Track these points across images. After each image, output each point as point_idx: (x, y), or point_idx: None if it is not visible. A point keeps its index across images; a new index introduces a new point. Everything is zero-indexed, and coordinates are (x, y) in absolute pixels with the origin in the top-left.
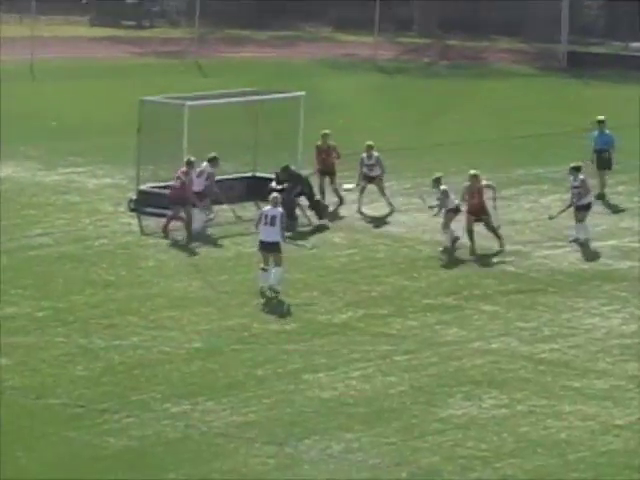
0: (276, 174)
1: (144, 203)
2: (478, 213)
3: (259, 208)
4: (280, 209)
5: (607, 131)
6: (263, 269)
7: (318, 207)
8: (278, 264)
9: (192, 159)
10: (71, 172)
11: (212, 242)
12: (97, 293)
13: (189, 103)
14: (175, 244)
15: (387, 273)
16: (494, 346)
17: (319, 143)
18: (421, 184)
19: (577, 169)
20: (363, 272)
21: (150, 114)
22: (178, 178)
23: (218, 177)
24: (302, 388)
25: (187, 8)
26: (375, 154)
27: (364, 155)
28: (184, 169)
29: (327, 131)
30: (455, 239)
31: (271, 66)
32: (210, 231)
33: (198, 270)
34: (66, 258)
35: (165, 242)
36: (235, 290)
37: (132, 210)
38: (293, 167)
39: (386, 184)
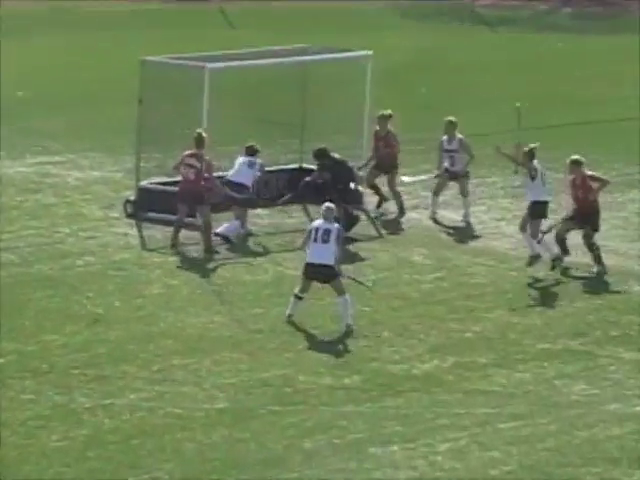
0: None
1: (146, 206)
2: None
3: (307, 213)
4: (337, 224)
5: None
6: (297, 296)
7: (346, 216)
8: (341, 292)
9: (204, 134)
10: (44, 162)
11: (240, 261)
12: (80, 332)
13: (210, 65)
14: (189, 263)
15: (487, 306)
16: (638, 409)
17: (377, 128)
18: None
19: None
20: (453, 304)
21: (155, 80)
22: (189, 166)
23: None
24: (368, 467)
25: None
26: (459, 136)
27: (444, 138)
28: (193, 151)
29: (388, 111)
30: (556, 257)
31: (324, 14)
32: (238, 245)
33: (221, 300)
34: (38, 282)
35: (175, 260)
36: (273, 329)
37: (130, 215)
38: (336, 155)
39: (488, 179)
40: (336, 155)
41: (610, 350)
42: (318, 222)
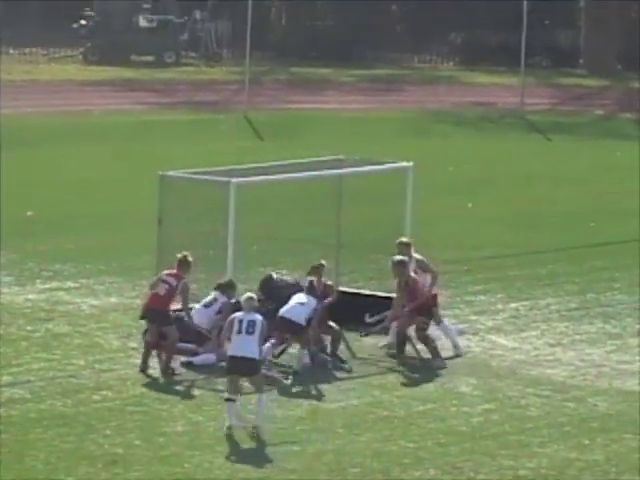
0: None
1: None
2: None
3: (346, 341)
4: (260, 316)
5: None
6: (229, 399)
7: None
8: (259, 390)
9: (189, 258)
10: (57, 288)
11: (270, 394)
12: (97, 474)
13: (235, 180)
14: (216, 397)
15: (542, 440)
16: None
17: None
18: (591, 302)
19: None
20: (505, 438)
21: (176, 196)
22: (164, 282)
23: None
24: None
25: (232, 34)
26: (416, 256)
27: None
28: (174, 271)
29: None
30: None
31: (360, 123)
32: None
33: (252, 437)
34: (50, 420)
35: (200, 394)
36: (309, 468)
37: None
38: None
39: (541, 301)
40: (288, 278)
41: None
42: (240, 313)
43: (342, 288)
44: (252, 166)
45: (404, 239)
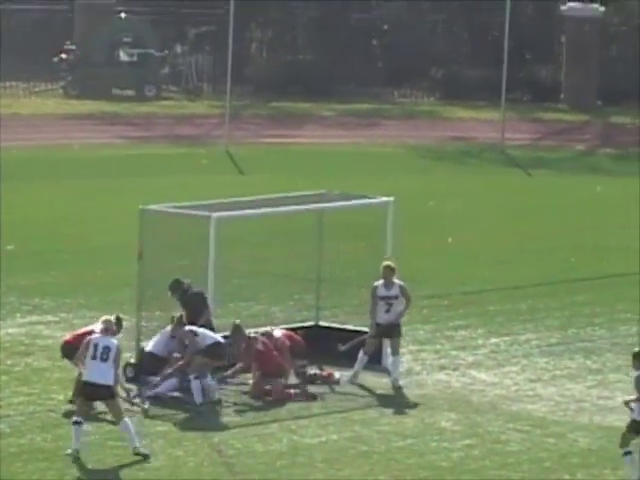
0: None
1: (148, 369)
2: None
3: (324, 374)
4: (115, 341)
5: None
6: (77, 422)
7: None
8: (118, 416)
9: (122, 320)
10: (36, 322)
11: (250, 429)
12: None
13: (216, 215)
14: (195, 432)
15: (524, 475)
16: None
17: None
18: (572, 337)
19: None
20: (486, 474)
21: (157, 230)
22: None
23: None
24: None
25: (213, 68)
26: (398, 282)
27: (378, 283)
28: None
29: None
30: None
31: (342, 157)
32: (248, 412)
33: (232, 472)
34: (29, 454)
35: (180, 429)
36: None
37: (130, 380)
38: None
39: (521, 337)
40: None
41: None
42: (97, 336)
43: (322, 323)
44: (233, 200)
45: (390, 263)
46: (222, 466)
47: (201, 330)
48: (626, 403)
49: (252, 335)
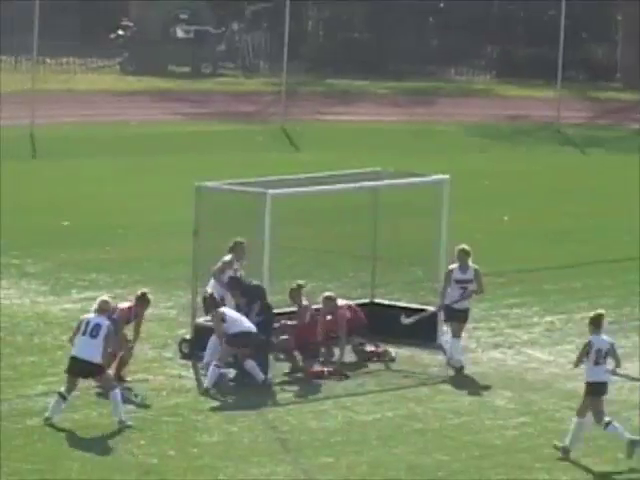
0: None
1: (203, 345)
2: None
3: (379, 350)
4: (107, 321)
5: None
6: (61, 395)
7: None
8: (110, 388)
9: (149, 295)
10: (92, 298)
11: (309, 406)
12: None
13: (272, 191)
14: (251, 408)
15: (577, 454)
16: None
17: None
18: (626, 316)
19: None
20: (540, 452)
21: (212, 208)
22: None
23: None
24: None
25: (269, 46)
26: (473, 265)
27: (453, 266)
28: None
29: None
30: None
31: (396, 135)
32: (306, 388)
33: (286, 448)
34: (84, 429)
35: (235, 405)
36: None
37: (185, 356)
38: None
39: (576, 315)
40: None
41: None
42: (90, 315)
43: (377, 300)
44: (288, 177)
45: (465, 246)
46: (276, 442)
47: (232, 316)
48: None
49: (304, 304)
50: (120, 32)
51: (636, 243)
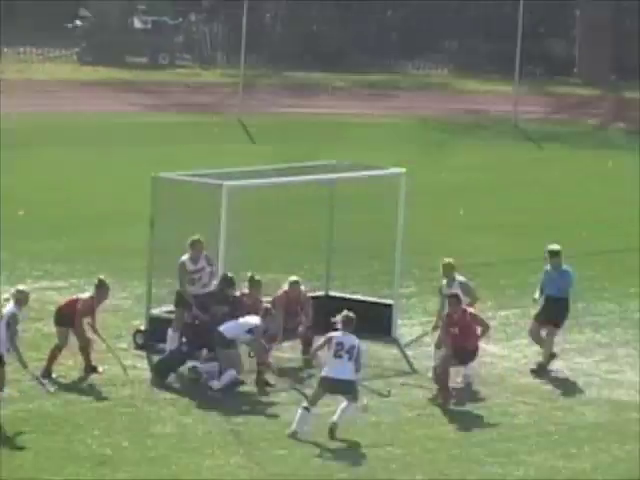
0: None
1: (158, 336)
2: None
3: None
4: (14, 309)
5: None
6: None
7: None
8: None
9: (106, 282)
10: (46, 287)
11: (263, 398)
12: (84, 474)
13: (228, 183)
14: (205, 399)
15: (530, 448)
16: None
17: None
18: (582, 311)
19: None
20: (493, 446)
21: (168, 199)
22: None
23: (267, 298)
24: None
25: (227, 38)
26: (459, 278)
27: (443, 282)
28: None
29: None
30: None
31: (354, 128)
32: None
33: (240, 440)
34: (38, 419)
35: (189, 396)
36: (296, 472)
37: (139, 347)
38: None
39: (530, 310)
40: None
41: None
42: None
43: (332, 293)
44: (245, 169)
45: (450, 260)
46: (230, 434)
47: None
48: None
49: (259, 298)
50: (78, 22)
51: (593, 238)
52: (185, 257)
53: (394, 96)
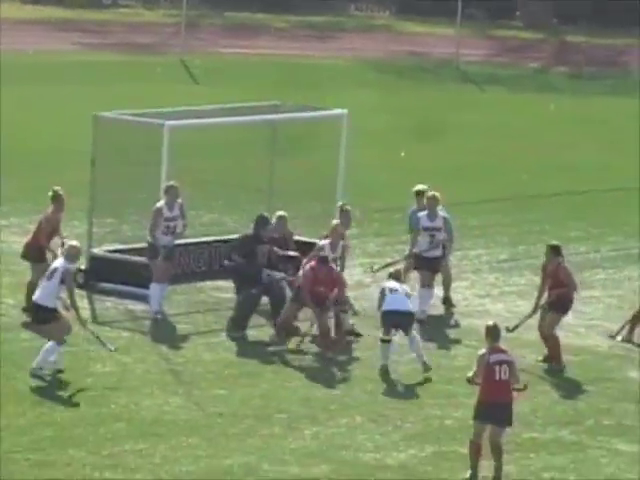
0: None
1: (98, 275)
2: None
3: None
4: (68, 265)
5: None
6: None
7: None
8: (54, 339)
9: (60, 192)
10: None
11: (204, 339)
12: (23, 413)
13: (169, 123)
14: (144, 339)
15: (469, 391)
16: None
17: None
18: (521, 254)
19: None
20: (433, 388)
21: (109, 139)
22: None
23: (208, 238)
24: None
25: None
26: (442, 213)
27: (422, 214)
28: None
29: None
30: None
31: (296, 69)
32: (202, 321)
33: (179, 380)
34: None
35: (129, 336)
36: (236, 412)
37: (80, 286)
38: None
39: (472, 252)
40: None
41: (603, 441)
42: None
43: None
44: (187, 109)
45: (435, 193)
46: (169, 374)
47: None
48: None
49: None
50: None
51: (534, 182)
52: (161, 203)
53: (337, 38)
